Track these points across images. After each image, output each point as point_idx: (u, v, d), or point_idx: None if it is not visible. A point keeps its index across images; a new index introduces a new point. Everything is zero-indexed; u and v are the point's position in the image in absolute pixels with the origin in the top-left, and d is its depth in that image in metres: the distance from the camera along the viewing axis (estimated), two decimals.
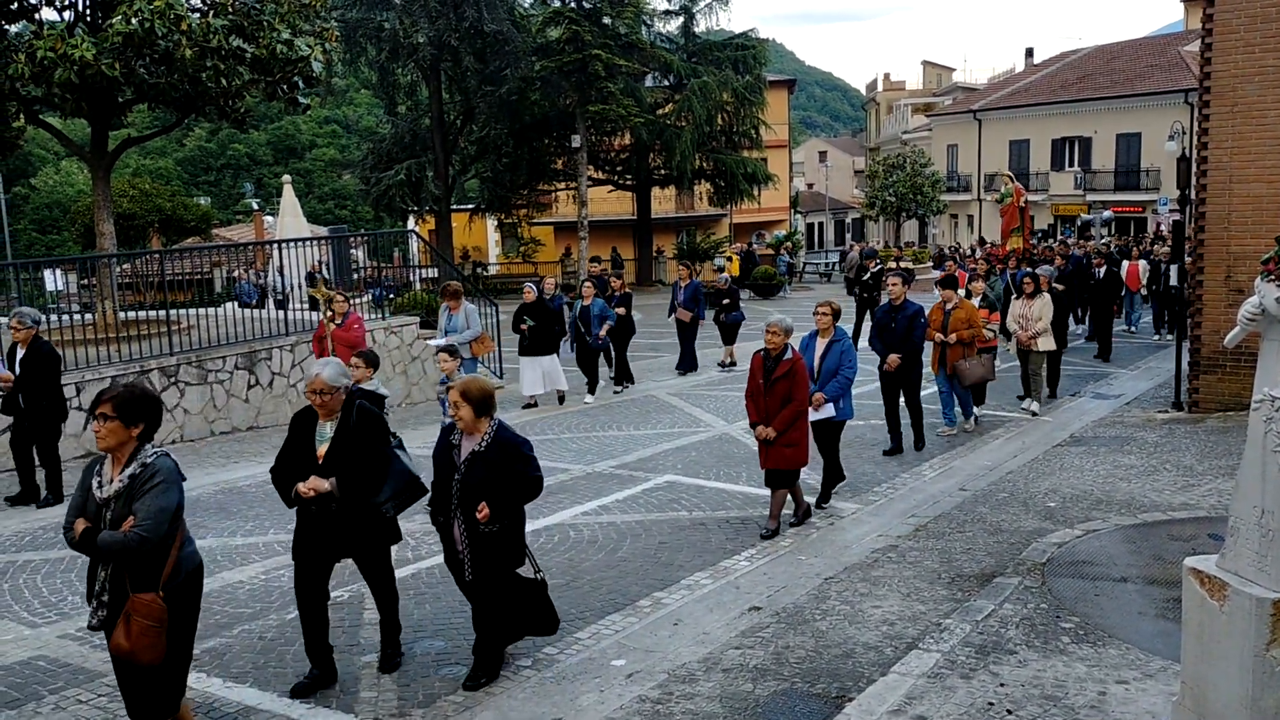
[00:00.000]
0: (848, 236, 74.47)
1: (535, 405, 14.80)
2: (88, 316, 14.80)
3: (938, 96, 68.45)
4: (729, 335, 18.37)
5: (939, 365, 12.09)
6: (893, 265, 24.08)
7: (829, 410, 9.22)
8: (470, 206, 43.49)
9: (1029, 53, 64.89)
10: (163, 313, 14.70)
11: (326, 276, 19.12)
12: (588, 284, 15.70)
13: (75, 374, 11.70)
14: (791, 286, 38.38)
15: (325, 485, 5.69)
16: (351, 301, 15.61)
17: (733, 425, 12.89)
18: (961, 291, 13.91)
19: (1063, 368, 15.00)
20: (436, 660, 6.27)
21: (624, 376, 16.51)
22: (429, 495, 6.03)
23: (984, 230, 47.78)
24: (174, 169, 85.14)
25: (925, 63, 77.42)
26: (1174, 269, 16.47)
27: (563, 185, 42.43)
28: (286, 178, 25.26)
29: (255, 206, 57.32)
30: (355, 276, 21.02)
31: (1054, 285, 14.60)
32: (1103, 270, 18.83)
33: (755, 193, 40.78)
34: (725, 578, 7.62)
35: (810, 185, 79.72)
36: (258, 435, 13.23)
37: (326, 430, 5.87)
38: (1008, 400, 14.11)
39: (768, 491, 9.21)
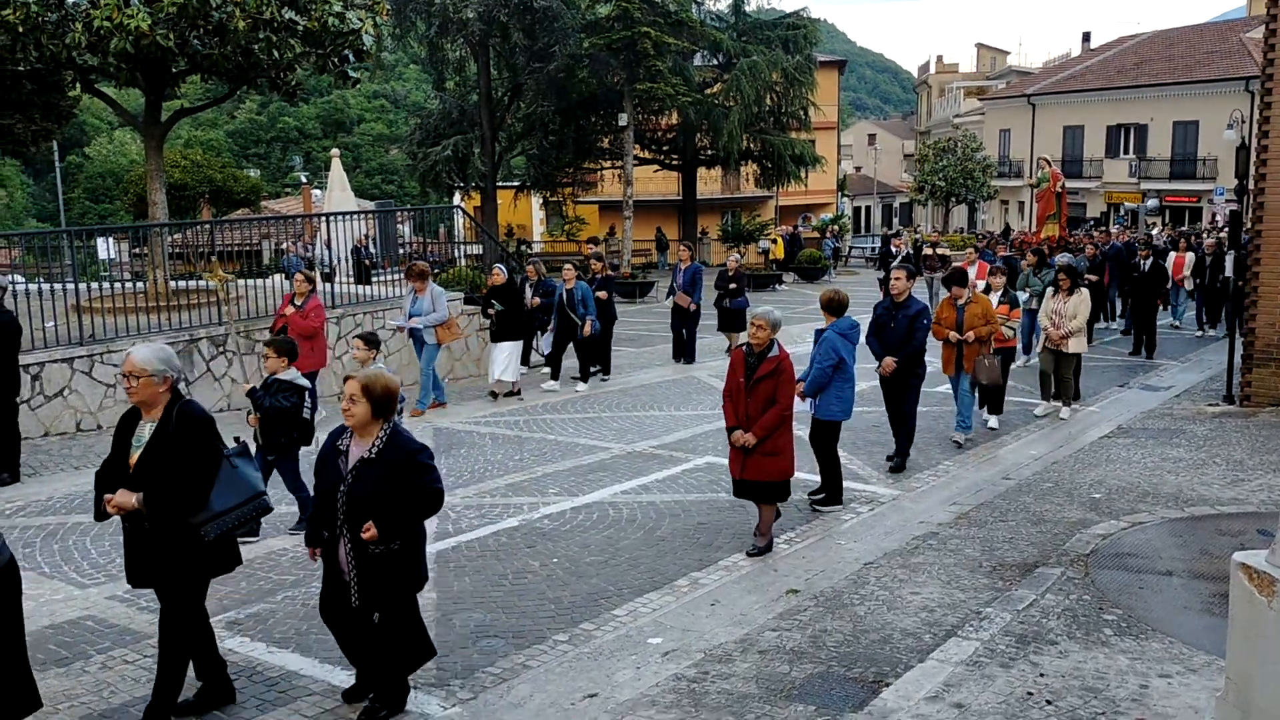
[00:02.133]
0: (895, 221, 73.79)
1: (518, 393, 13.87)
2: (139, 285, 15.01)
3: (991, 80, 67.48)
4: (732, 322, 16.91)
5: (955, 367, 11.03)
6: (928, 250, 23.35)
7: (806, 404, 8.69)
8: (516, 184, 43.54)
9: (1086, 37, 63.68)
10: (208, 283, 14.86)
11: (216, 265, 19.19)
12: (568, 267, 14.65)
13: (126, 341, 11.87)
14: (836, 270, 38.11)
15: (131, 502, 4.87)
16: (394, 276, 15.73)
17: None
18: (981, 284, 13.61)
19: (1099, 362, 14.71)
20: (475, 632, 6.32)
21: (601, 367, 15.40)
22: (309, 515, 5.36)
23: (1035, 220, 47.10)
24: (224, 141, 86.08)
25: (979, 45, 76.36)
26: (1229, 260, 16.18)
27: (608, 164, 42.33)
28: (335, 151, 25.45)
29: (303, 180, 57.87)
30: (401, 251, 21.16)
31: (1086, 277, 14.00)
32: (1148, 262, 17.88)
33: (802, 175, 40.46)
34: (763, 560, 7.61)
35: (858, 168, 79.05)
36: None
37: (144, 433, 5.01)
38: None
39: (810, 476, 9.17)
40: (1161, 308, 18.94)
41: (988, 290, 12.45)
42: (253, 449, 5.47)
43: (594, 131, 39.30)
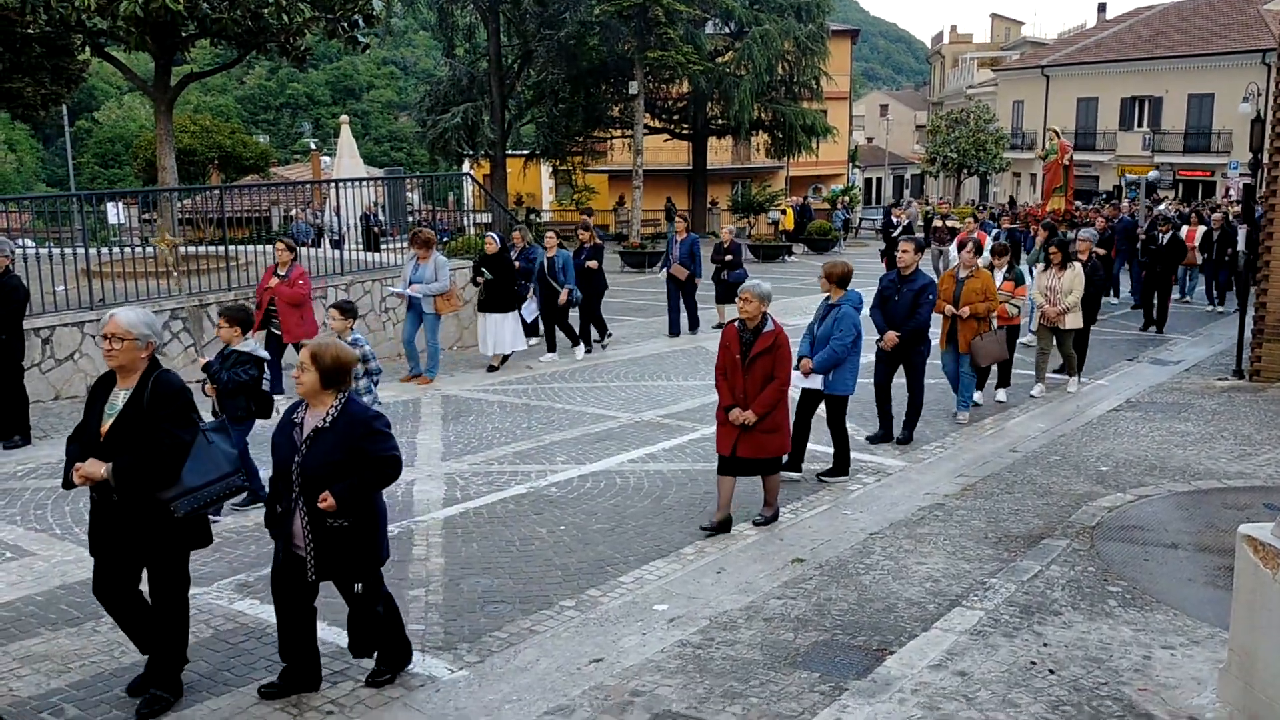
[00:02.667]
0: (906, 192, 73.43)
1: (498, 368, 13.55)
2: (149, 250, 15.03)
3: (1005, 51, 66.93)
4: (729, 294, 16.19)
5: (948, 341, 10.70)
6: (937, 221, 23.00)
7: (816, 380, 8.52)
8: (525, 152, 43.41)
9: (1101, 8, 63.05)
10: (221, 248, 14.88)
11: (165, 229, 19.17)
12: (550, 234, 14.40)
13: (138, 306, 11.89)
14: (846, 242, 37.98)
15: (99, 472, 4.71)
16: (401, 245, 15.69)
17: None
18: (986, 255, 13.47)
19: (1108, 337, 14.64)
20: (482, 597, 6.37)
21: (595, 333, 15.33)
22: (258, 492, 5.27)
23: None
24: (233, 106, 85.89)
25: (994, 16, 75.74)
26: (1242, 233, 16.10)
27: (618, 133, 42.15)
28: (344, 118, 25.41)
29: (312, 146, 57.71)
30: (410, 219, 21.13)
31: (1094, 251, 13.45)
32: (1167, 236, 17.51)
33: (814, 145, 40.23)
34: (769, 529, 7.64)
35: (870, 139, 78.58)
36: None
37: (118, 401, 4.86)
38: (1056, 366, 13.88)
39: (821, 447, 9.17)
40: (1174, 282, 18.68)
41: (991, 270, 11.80)
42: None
43: (604, 100, 39.10)
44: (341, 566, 4.96)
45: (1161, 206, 27.90)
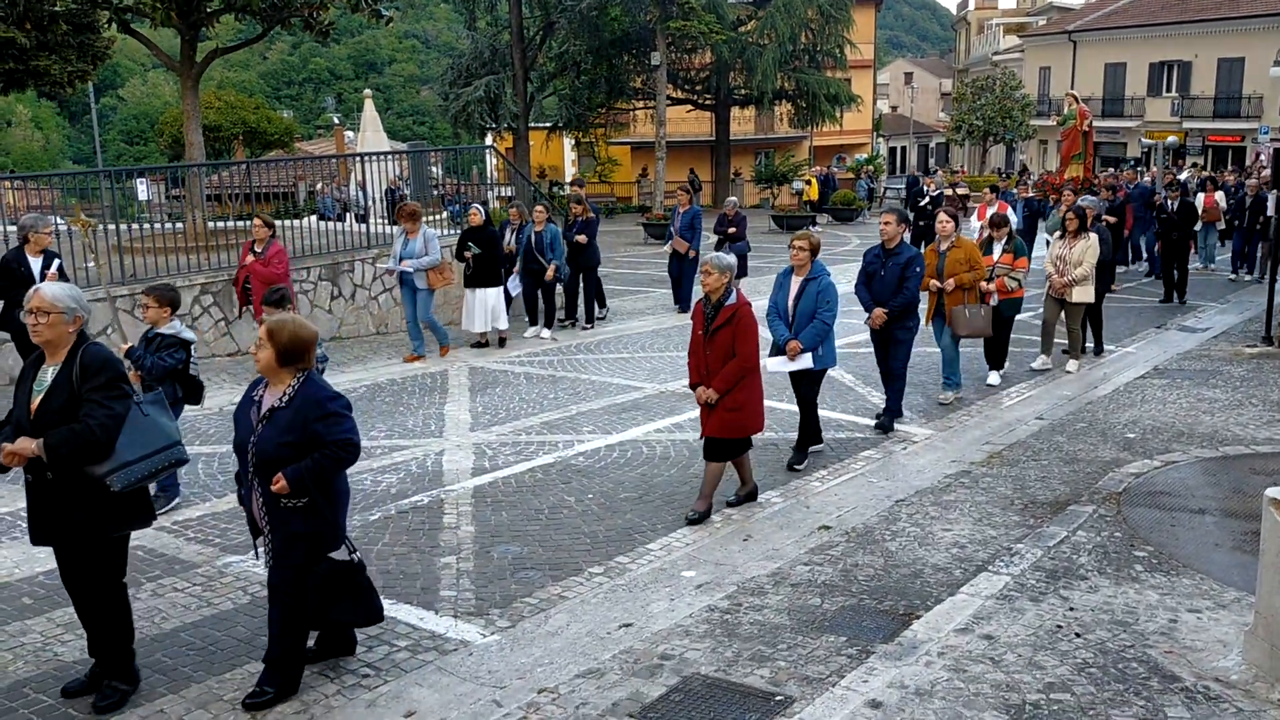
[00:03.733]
0: (930, 161, 72.82)
1: (486, 344, 13.34)
2: (178, 225, 15.17)
3: (1031, 17, 66.02)
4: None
5: (934, 315, 10.26)
6: (948, 190, 22.54)
7: (806, 360, 8.07)
8: (548, 125, 43.34)
9: None
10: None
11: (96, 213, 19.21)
12: (539, 209, 14.00)
13: (167, 281, 12.01)
14: (870, 211, 37.76)
15: (30, 448, 4.49)
16: (427, 218, 15.73)
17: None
18: (973, 225, 13.21)
19: (1132, 304, 14.49)
20: (512, 564, 6.46)
21: (590, 309, 15.05)
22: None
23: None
24: (257, 82, 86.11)
25: None
26: (1272, 199, 15.91)
27: (641, 104, 42.04)
28: (368, 92, 25.44)
29: (336, 121, 57.82)
30: (434, 193, 21.18)
31: (1103, 219, 13.15)
32: (1176, 203, 16.79)
33: (837, 115, 39.96)
34: (796, 497, 7.69)
35: (894, 108, 77.90)
36: (340, 345, 13.51)
37: (46, 377, 4.67)
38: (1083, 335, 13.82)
39: (841, 415, 9.22)
40: (1191, 250, 18.00)
41: (1010, 238, 11.19)
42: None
43: (626, 71, 38.98)
44: (295, 545, 4.76)
45: (1185, 174, 27.37)
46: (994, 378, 11.12)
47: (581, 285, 15.02)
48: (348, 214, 22.19)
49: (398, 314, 14.15)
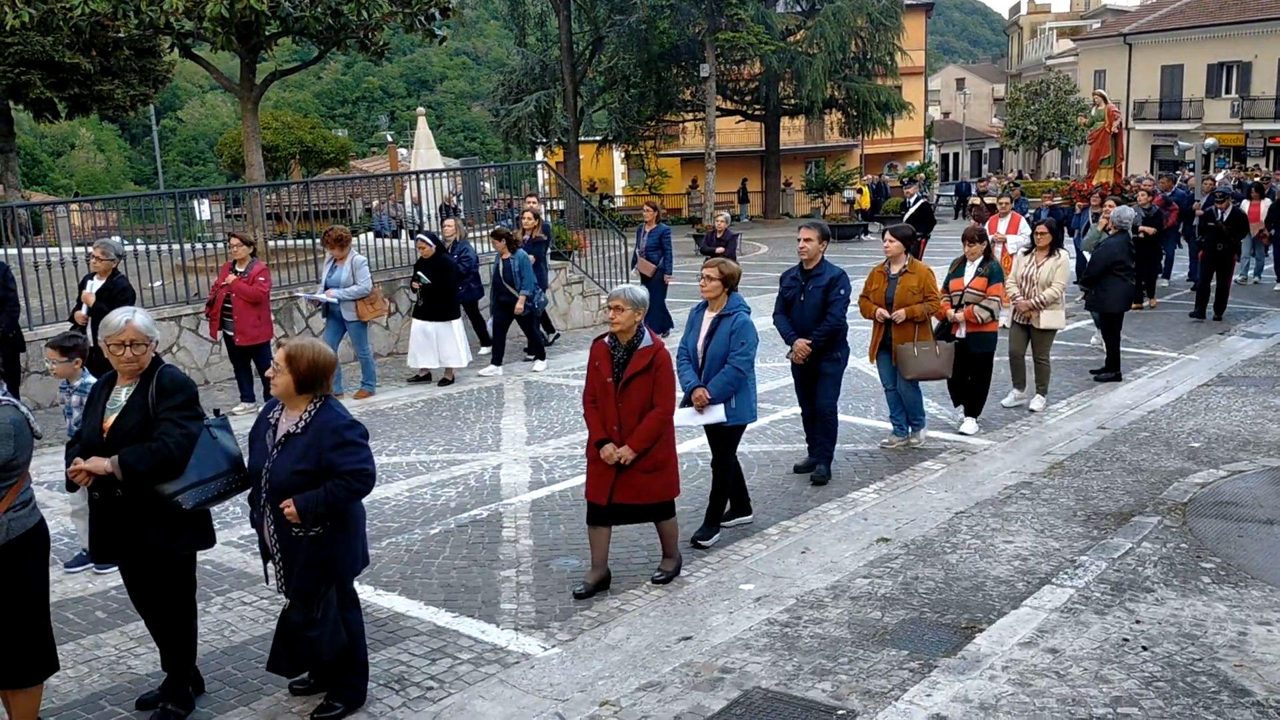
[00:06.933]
0: (984, 167, 72.12)
1: (429, 378, 12.29)
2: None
3: (1085, 20, 65.22)
4: None
5: (880, 350, 8.90)
6: (974, 199, 21.53)
7: (716, 413, 6.79)
8: (597, 138, 43.60)
9: None
10: (307, 241, 15.25)
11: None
12: (509, 234, 12.70)
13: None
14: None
15: (104, 465, 4.58)
16: (474, 234, 15.84)
17: (861, 359, 12.79)
18: (1013, 239, 12.34)
19: (1178, 317, 13.95)
20: (571, 577, 6.50)
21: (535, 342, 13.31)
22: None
23: (1131, 163, 45.62)
24: (312, 102, 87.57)
25: None
26: None
27: (690, 116, 42.12)
28: (421, 110, 25.73)
29: (389, 139, 58.60)
30: (486, 208, 21.39)
31: (1141, 230, 12.22)
32: (1227, 212, 15.29)
33: (888, 122, 39.79)
34: (853, 509, 7.66)
35: (946, 114, 77.31)
36: (397, 361, 13.68)
37: (120, 397, 4.78)
38: (1145, 340, 13.62)
39: (879, 424, 9.09)
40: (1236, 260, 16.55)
41: (1031, 249, 10.37)
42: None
43: (675, 83, 39.12)
44: (304, 576, 4.67)
45: (1219, 176, 26.22)
46: (969, 425, 9.52)
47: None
48: (403, 231, 22.47)
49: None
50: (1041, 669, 5.10)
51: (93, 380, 6.54)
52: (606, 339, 6.16)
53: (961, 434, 9.49)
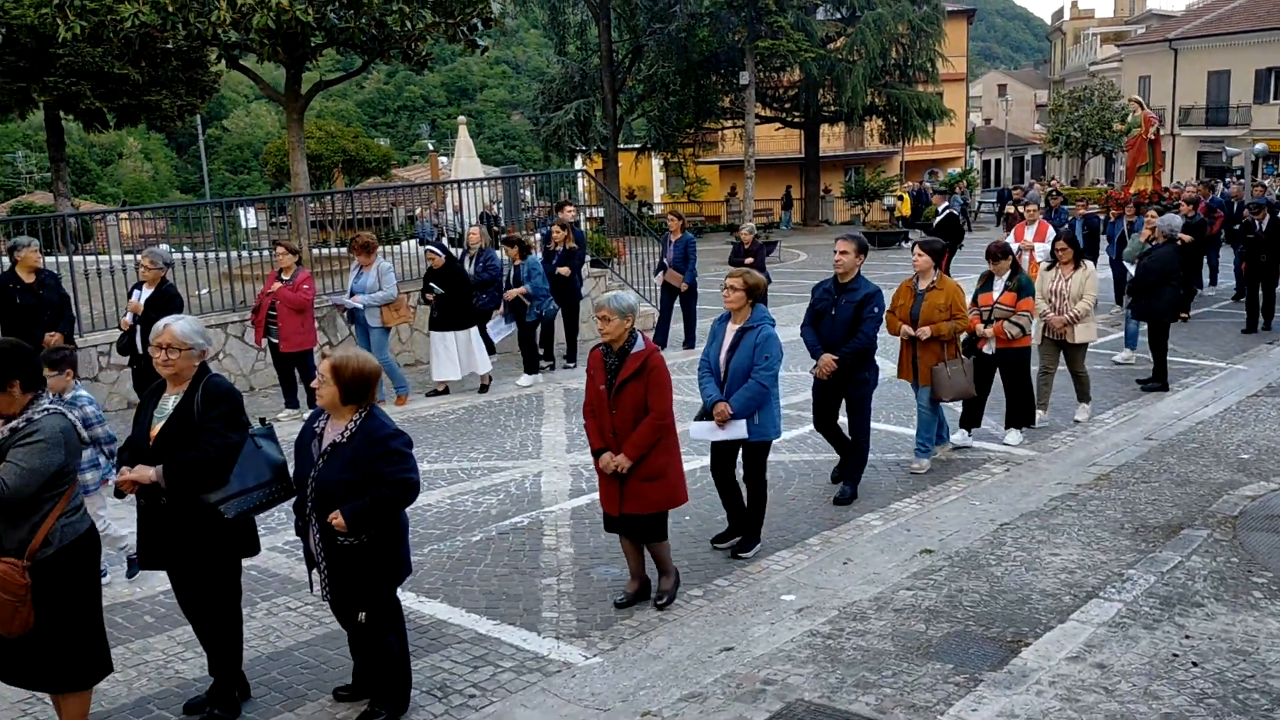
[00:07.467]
0: (1027, 174, 71.45)
1: (447, 391, 12.09)
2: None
3: (1130, 25, 64.45)
4: None
5: (911, 372, 8.53)
6: (1009, 208, 20.90)
7: (738, 428, 6.66)
8: (637, 146, 43.69)
9: None
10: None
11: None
12: (518, 239, 12.68)
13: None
14: (968, 229, 37.16)
15: (149, 474, 4.65)
16: (490, 242, 15.84)
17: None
18: (1040, 247, 12.05)
19: (1226, 327, 13.64)
20: (612, 586, 6.50)
21: (548, 353, 13.38)
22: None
23: (1177, 170, 45.05)
24: (354, 110, 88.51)
25: None
26: None
27: (729, 123, 42.09)
28: (462, 119, 25.98)
29: (430, 147, 59.10)
30: (525, 216, 21.49)
31: (1179, 238, 11.65)
32: (1265, 221, 14.63)
33: (929, 129, 39.54)
34: (895, 519, 7.61)
35: (988, 120, 76.65)
36: (408, 371, 13.76)
37: (168, 405, 4.83)
38: (1192, 350, 13.42)
39: (901, 429, 8.97)
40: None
41: (1053, 264, 10.10)
42: None
43: (715, 91, 39.11)
44: (351, 586, 4.72)
45: (1268, 183, 25.44)
46: (1014, 436, 9.47)
47: (563, 322, 13.54)
48: (444, 238, 22.65)
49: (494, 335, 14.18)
50: (1089, 684, 5.03)
51: (84, 393, 6.66)
52: (600, 348, 6.06)
53: (1005, 445, 9.41)
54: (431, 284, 11.67)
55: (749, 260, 14.34)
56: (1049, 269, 10.17)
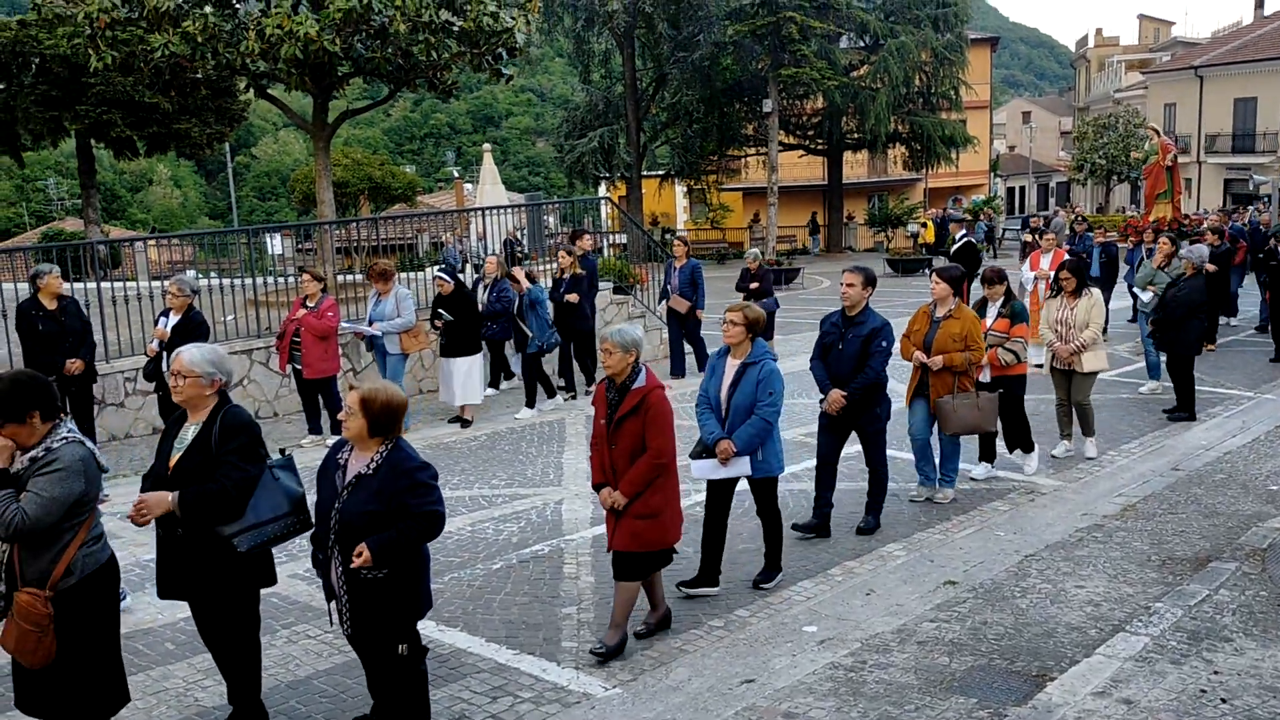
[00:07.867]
0: (1051, 201, 71.21)
1: (470, 421, 11.97)
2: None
3: (1154, 52, 64.32)
4: None
5: (915, 395, 8.48)
6: (1027, 236, 20.52)
7: (742, 465, 6.63)
8: (660, 173, 43.86)
9: (1259, 3, 59.95)
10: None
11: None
12: (516, 270, 12.61)
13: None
14: (991, 254, 37.02)
15: (166, 500, 4.64)
16: (542, 267, 15.96)
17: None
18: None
19: (1253, 356, 13.59)
20: (633, 616, 6.45)
21: (591, 374, 13.13)
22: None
23: (1203, 197, 44.79)
24: (380, 138, 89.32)
25: (1141, 16, 72.87)
26: None
27: (752, 151, 42.21)
28: (487, 146, 26.17)
29: (455, 175, 59.54)
30: (549, 242, 21.59)
31: (1205, 268, 11.65)
32: None
33: (953, 156, 39.51)
34: (918, 550, 7.55)
35: (1012, 148, 76.60)
36: (417, 399, 13.80)
37: (187, 435, 4.84)
38: (1220, 379, 13.27)
39: (972, 467, 8.92)
40: None
41: (1058, 291, 9.84)
42: None
43: (738, 118, 39.28)
44: (373, 619, 4.67)
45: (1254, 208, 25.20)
46: (1030, 464, 9.36)
47: (573, 352, 13.40)
48: (469, 265, 22.78)
49: (515, 363, 14.29)
50: None
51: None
52: (605, 381, 6.01)
53: (1026, 475, 9.29)
54: (441, 310, 11.67)
55: (754, 285, 14.33)
56: (1053, 297, 10.01)
